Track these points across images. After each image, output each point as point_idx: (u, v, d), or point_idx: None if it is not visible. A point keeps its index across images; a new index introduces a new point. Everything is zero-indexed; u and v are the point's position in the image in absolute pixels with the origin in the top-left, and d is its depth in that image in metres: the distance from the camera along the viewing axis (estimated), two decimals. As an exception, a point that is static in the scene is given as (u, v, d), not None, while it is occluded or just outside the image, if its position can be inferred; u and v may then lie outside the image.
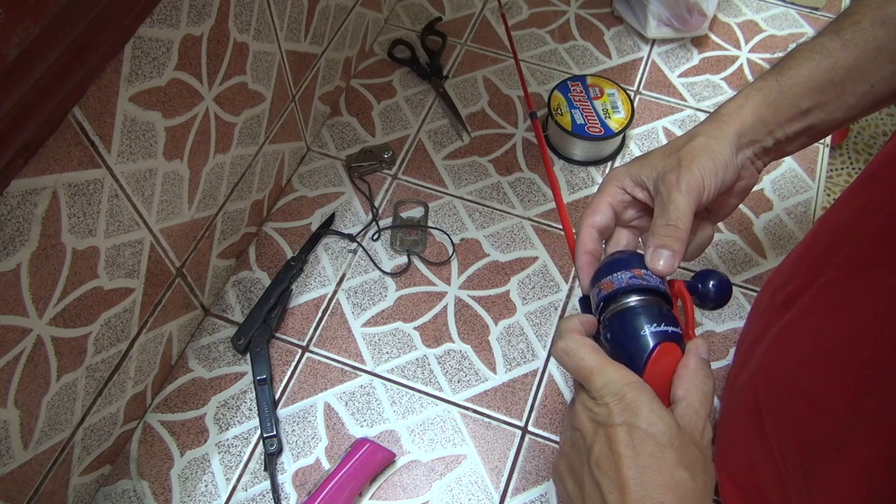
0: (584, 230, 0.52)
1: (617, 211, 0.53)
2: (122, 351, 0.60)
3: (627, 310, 0.46)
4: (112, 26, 0.44)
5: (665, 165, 0.49)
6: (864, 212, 0.48)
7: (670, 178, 0.48)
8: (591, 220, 0.52)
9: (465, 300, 0.73)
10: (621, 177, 0.52)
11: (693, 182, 0.47)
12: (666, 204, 0.48)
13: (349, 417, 0.67)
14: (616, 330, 0.46)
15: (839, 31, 0.50)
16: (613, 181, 0.52)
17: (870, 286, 0.43)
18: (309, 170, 0.82)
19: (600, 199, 0.52)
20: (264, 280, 0.74)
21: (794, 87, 0.50)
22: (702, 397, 0.43)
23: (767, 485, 0.53)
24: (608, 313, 0.47)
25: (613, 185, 0.52)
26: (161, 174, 0.57)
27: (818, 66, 0.49)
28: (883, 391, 0.40)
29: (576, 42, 0.95)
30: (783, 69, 0.51)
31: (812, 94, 0.49)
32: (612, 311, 0.47)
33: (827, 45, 0.50)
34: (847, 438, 0.42)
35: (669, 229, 0.47)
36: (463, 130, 0.85)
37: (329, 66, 0.82)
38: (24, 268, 0.46)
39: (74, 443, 0.57)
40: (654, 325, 0.45)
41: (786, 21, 0.97)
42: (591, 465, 0.42)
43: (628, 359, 0.45)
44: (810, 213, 0.80)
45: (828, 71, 0.49)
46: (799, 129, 0.51)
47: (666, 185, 0.48)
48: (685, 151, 0.49)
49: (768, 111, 0.50)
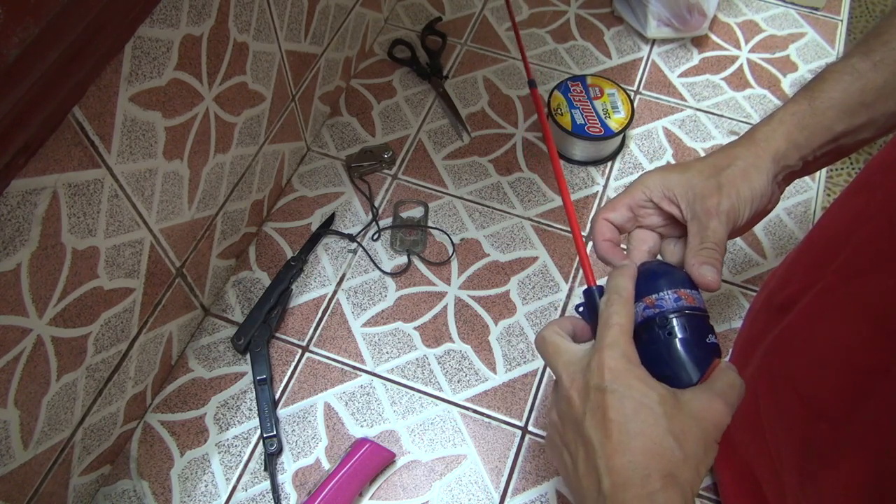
0: (600, 222, 0.52)
1: (636, 214, 0.53)
2: (122, 351, 0.60)
3: (694, 316, 0.47)
4: (112, 26, 0.44)
5: (705, 188, 0.49)
6: (859, 217, 0.48)
7: (710, 203, 0.49)
8: (607, 214, 0.52)
9: (465, 300, 0.73)
10: (652, 187, 0.52)
11: (732, 212, 0.48)
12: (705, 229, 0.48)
13: (349, 417, 0.67)
14: (685, 332, 0.46)
15: (869, 53, 0.50)
16: (641, 188, 0.52)
17: (867, 292, 0.43)
18: (309, 170, 0.82)
19: (621, 200, 0.52)
20: (264, 280, 0.74)
21: (826, 111, 0.50)
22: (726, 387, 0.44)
23: (765, 485, 0.53)
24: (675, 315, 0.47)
25: (640, 191, 0.52)
26: (161, 174, 0.57)
27: (849, 88, 0.49)
28: (879, 397, 0.40)
29: (576, 42, 0.95)
30: (815, 91, 0.51)
31: (844, 116, 0.49)
32: (680, 314, 0.47)
33: (857, 66, 0.50)
34: (843, 444, 0.43)
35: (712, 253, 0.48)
36: (463, 130, 0.85)
37: (329, 66, 0.82)
38: (24, 268, 0.46)
39: (74, 443, 0.57)
40: (713, 335, 0.47)
41: (786, 21, 0.97)
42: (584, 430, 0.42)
43: (695, 361, 0.45)
44: (810, 213, 0.80)
45: (859, 93, 0.49)
46: (828, 151, 0.51)
47: (705, 210, 0.49)
48: (726, 177, 0.49)
49: (801, 136, 0.50)
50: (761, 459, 0.53)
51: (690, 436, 0.41)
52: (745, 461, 0.57)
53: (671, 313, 0.46)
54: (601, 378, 0.42)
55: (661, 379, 0.43)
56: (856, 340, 0.43)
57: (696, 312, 0.47)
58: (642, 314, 0.47)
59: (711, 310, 0.73)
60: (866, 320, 0.43)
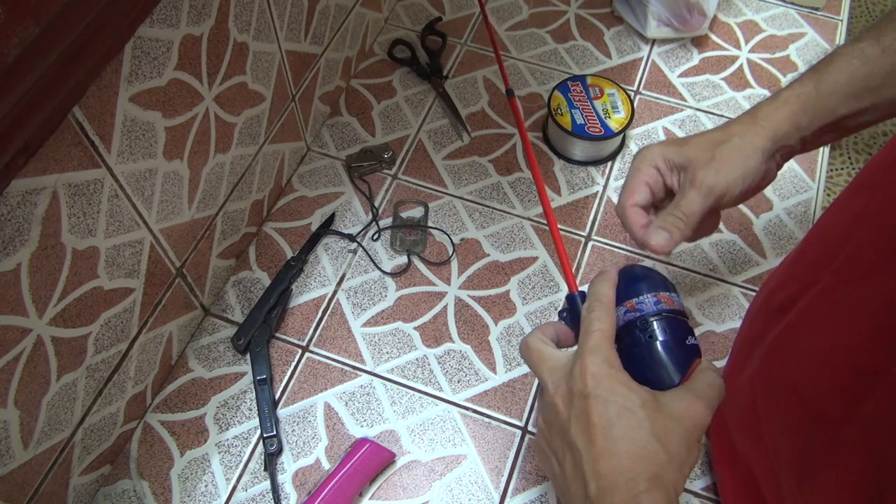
0: (629, 210, 0.53)
1: (654, 191, 0.53)
2: (122, 351, 0.60)
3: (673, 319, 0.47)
4: (112, 26, 0.44)
5: (698, 157, 0.50)
6: (859, 218, 0.48)
7: (699, 174, 0.49)
8: (632, 199, 0.53)
9: (465, 300, 0.73)
10: (657, 159, 0.52)
11: (717, 186, 0.49)
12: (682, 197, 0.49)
13: (349, 417, 0.67)
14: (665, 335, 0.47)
15: (879, 37, 0.50)
16: (647, 163, 0.53)
17: (866, 294, 0.43)
18: (309, 170, 0.83)
19: (637, 179, 0.53)
20: (264, 280, 0.74)
21: (832, 94, 0.50)
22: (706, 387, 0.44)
23: (764, 486, 0.53)
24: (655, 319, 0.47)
25: (648, 165, 0.53)
26: (161, 174, 0.57)
27: (856, 72, 0.50)
28: (878, 399, 0.40)
29: (576, 42, 0.95)
30: (821, 73, 0.51)
31: (849, 100, 0.50)
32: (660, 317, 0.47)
33: (866, 50, 0.50)
34: (842, 445, 0.43)
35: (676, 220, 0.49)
36: (463, 130, 0.85)
37: (329, 66, 0.82)
38: (24, 268, 0.46)
39: (74, 443, 0.57)
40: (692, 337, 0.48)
41: (786, 21, 0.97)
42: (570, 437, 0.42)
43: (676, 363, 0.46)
44: (810, 213, 0.80)
45: (865, 77, 0.49)
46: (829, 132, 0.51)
47: (692, 181, 0.49)
48: (720, 152, 0.50)
49: (804, 117, 0.51)
50: (760, 460, 0.53)
51: (673, 437, 0.41)
52: (745, 462, 0.57)
53: (651, 316, 0.47)
54: (584, 384, 0.42)
55: (643, 381, 0.44)
56: (855, 341, 0.43)
57: (676, 315, 0.48)
58: (623, 318, 0.48)
59: (711, 309, 0.73)
60: (865, 321, 0.43)
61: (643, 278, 0.49)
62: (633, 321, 0.47)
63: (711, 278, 0.75)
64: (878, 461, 0.39)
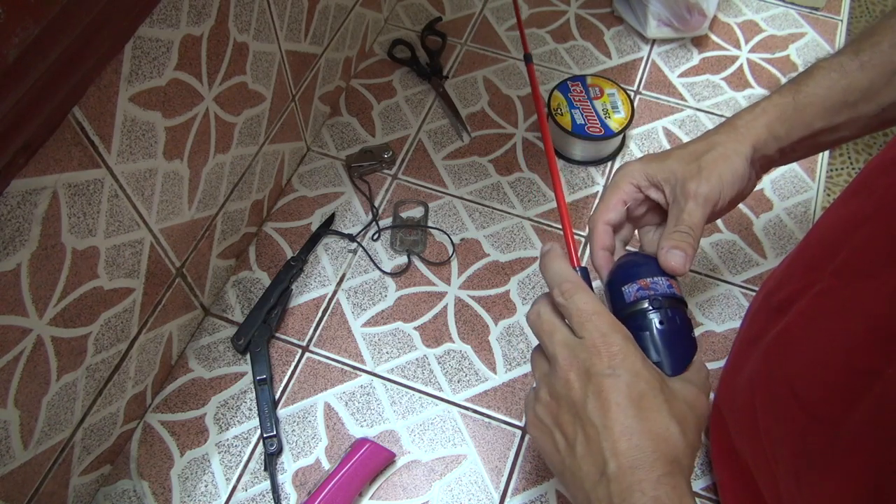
0: (600, 227, 0.53)
1: (630, 208, 0.53)
2: (122, 351, 0.60)
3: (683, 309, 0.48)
4: (112, 26, 0.44)
5: (685, 172, 0.50)
6: (857, 219, 0.48)
7: (690, 186, 0.50)
8: (606, 217, 0.53)
9: (465, 300, 0.73)
10: (637, 174, 0.53)
11: (711, 194, 0.49)
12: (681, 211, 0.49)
13: (349, 417, 0.67)
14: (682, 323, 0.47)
15: (858, 52, 0.50)
16: (628, 178, 0.53)
17: (863, 295, 0.44)
18: (309, 170, 0.83)
19: (615, 197, 0.53)
20: (264, 280, 0.74)
21: (808, 107, 0.50)
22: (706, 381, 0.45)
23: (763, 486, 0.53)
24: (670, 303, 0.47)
25: (628, 182, 0.53)
26: (161, 174, 0.57)
27: (834, 85, 0.50)
28: (875, 400, 0.40)
29: (576, 42, 0.95)
30: (800, 86, 0.51)
31: (826, 114, 0.50)
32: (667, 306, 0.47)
33: (845, 64, 0.50)
34: (840, 446, 0.43)
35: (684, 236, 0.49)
36: (463, 130, 0.85)
37: (329, 66, 0.82)
38: (24, 268, 0.46)
39: (74, 443, 0.57)
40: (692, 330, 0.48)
41: (786, 21, 0.97)
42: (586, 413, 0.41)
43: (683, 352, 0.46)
44: (810, 213, 0.80)
45: (843, 92, 0.50)
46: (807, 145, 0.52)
47: (684, 193, 0.50)
48: (706, 161, 0.50)
49: (782, 128, 0.51)
50: (758, 460, 0.53)
51: (690, 423, 0.42)
52: (744, 462, 0.57)
53: (666, 298, 0.47)
54: (604, 363, 0.42)
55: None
56: (852, 342, 0.43)
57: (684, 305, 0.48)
58: (635, 294, 0.47)
59: (711, 309, 0.73)
60: (863, 322, 0.43)
61: (655, 261, 0.49)
62: (643, 297, 0.47)
63: (711, 278, 0.75)
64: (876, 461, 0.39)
